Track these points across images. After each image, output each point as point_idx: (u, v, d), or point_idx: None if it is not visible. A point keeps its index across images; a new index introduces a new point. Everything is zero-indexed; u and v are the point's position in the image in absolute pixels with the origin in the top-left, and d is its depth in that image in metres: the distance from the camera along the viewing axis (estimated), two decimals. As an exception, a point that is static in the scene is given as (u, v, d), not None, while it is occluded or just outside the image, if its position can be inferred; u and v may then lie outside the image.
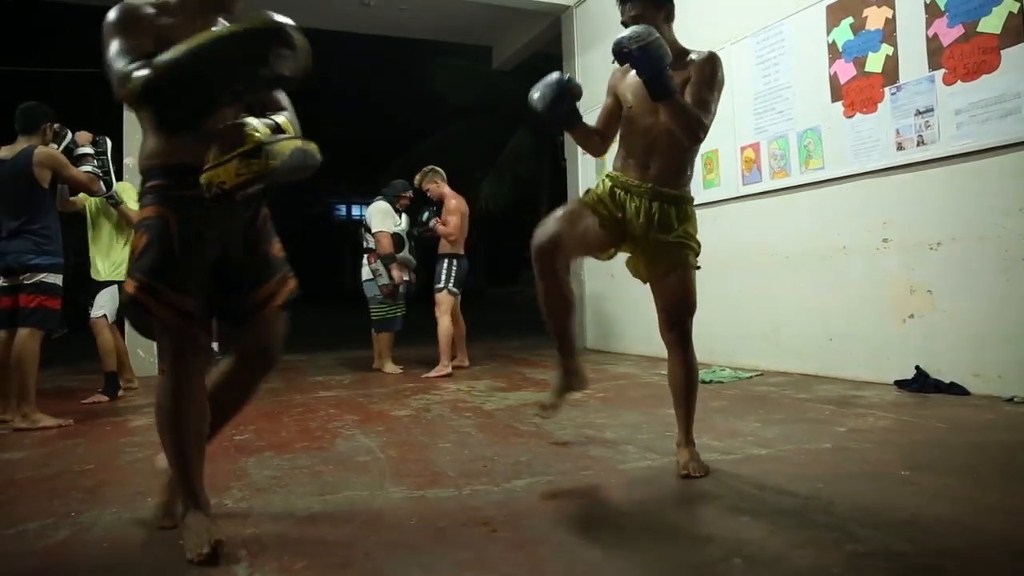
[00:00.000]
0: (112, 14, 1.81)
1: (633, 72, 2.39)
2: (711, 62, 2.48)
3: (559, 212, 2.40)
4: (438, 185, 5.95)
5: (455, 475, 2.52)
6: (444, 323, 5.61)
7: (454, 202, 5.87)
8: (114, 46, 1.76)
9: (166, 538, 1.95)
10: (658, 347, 6.20)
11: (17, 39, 15.82)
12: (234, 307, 2.00)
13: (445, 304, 5.67)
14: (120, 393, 4.80)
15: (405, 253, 5.94)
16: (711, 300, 5.58)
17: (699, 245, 2.52)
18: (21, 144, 3.91)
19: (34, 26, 16.31)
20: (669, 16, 2.54)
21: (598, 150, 2.73)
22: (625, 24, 2.46)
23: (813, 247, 4.72)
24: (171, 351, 1.88)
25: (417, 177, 6.05)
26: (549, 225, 2.32)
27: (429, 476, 2.52)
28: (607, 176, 2.54)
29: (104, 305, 4.76)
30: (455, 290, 5.75)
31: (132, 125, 6.12)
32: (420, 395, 4.47)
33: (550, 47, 8.76)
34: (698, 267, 2.51)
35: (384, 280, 5.81)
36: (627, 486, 2.37)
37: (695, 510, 2.08)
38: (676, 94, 2.28)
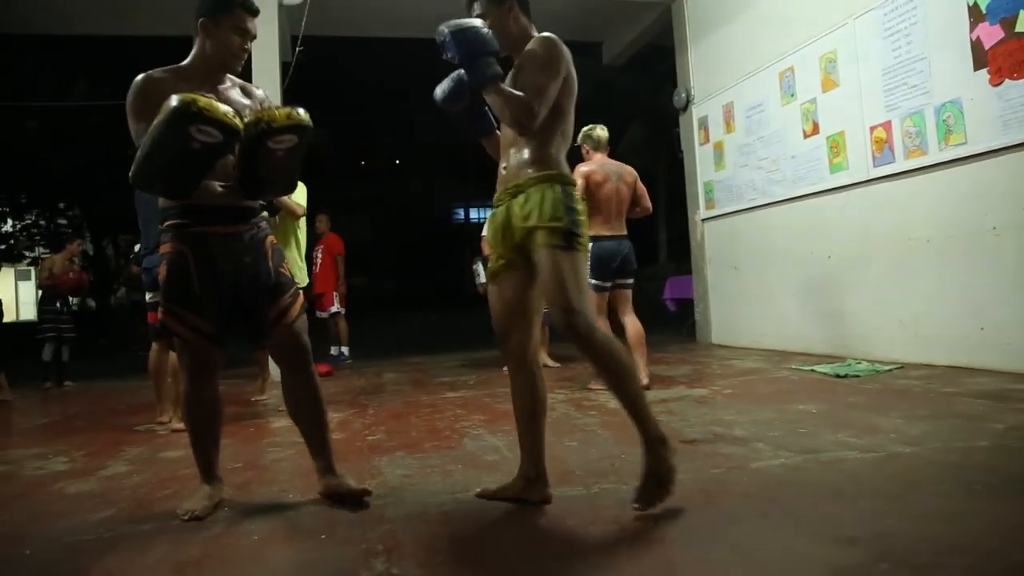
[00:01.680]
0: (130, 92, 2.22)
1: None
2: (541, 43, 2.25)
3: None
4: (587, 152, 4.84)
5: (582, 474, 2.53)
6: (598, 336, 4.42)
7: (577, 171, 4.49)
8: (132, 130, 2.20)
9: (310, 531, 2.07)
10: (787, 341, 5.99)
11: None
12: (253, 327, 2.36)
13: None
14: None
15: None
16: (843, 291, 5.36)
17: (561, 222, 2.15)
18: None
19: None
20: (514, 9, 2.33)
21: None
22: None
23: (957, 230, 4.38)
24: (190, 364, 2.32)
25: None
26: (494, 324, 2.33)
27: (557, 475, 2.53)
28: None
29: None
30: (595, 282, 4.46)
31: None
32: (544, 394, 4.50)
33: (661, 39, 8.61)
34: (562, 246, 2.14)
35: (480, 280, 5.93)
36: (760, 485, 2.30)
37: (835, 511, 1.99)
38: (493, 81, 2.13)
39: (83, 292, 7.95)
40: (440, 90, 2.38)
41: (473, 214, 35.61)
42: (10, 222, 20.87)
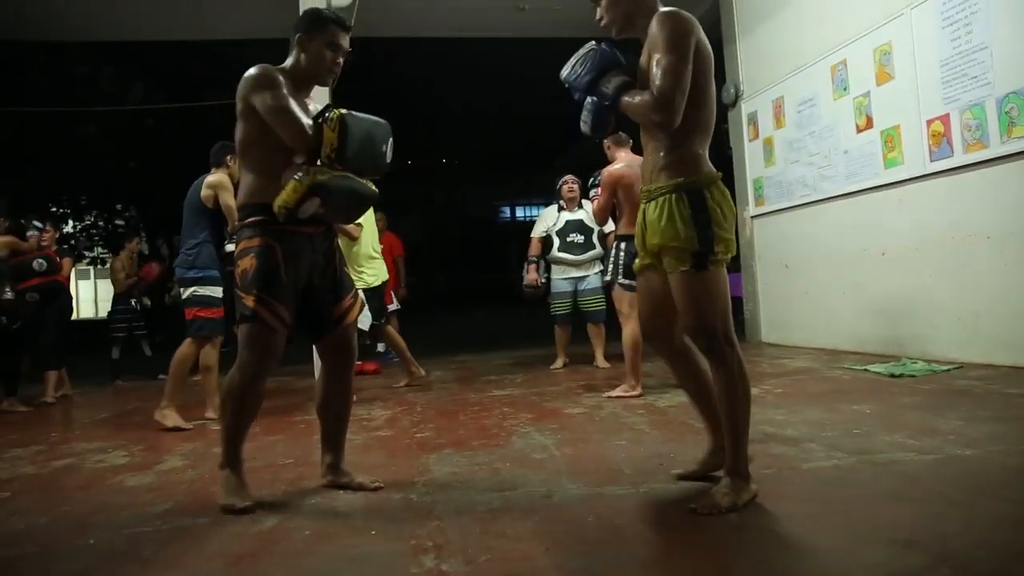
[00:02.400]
0: (260, 77, 2.32)
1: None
2: (663, 21, 2.09)
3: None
4: (609, 148, 4.68)
5: (631, 472, 2.51)
6: (628, 330, 4.39)
7: (608, 171, 4.49)
8: (272, 101, 2.29)
9: (361, 527, 2.10)
10: (839, 339, 5.86)
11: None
12: (317, 322, 2.51)
13: (622, 303, 4.52)
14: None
15: (554, 252, 6.09)
16: (898, 288, 5.22)
17: (689, 243, 2.07)
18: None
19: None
20: None
21: None
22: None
23: (1019, 226, 4.22)
24: (261, 355, 2.35)
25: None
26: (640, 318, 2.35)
27: (605, 473, 2.53)
28: None
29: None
30: (626, 282, 4.35)
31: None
32: (592, 393, 4.48)
33: (708, 33, 8.46)
34: (691, 268, 2.07)
35: (524, 281, 6.16)
36: (813, 486, 2.25)
37: (893, 513, 1.93)
38: (618, 100, 2.12)
39: (156, 284, 8.16)
40: (585, 125, 2.31)
41: (520, 212, 35.65)
42: (71, 223, 21.61)
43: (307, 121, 2.27)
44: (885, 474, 2.32)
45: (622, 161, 4.50)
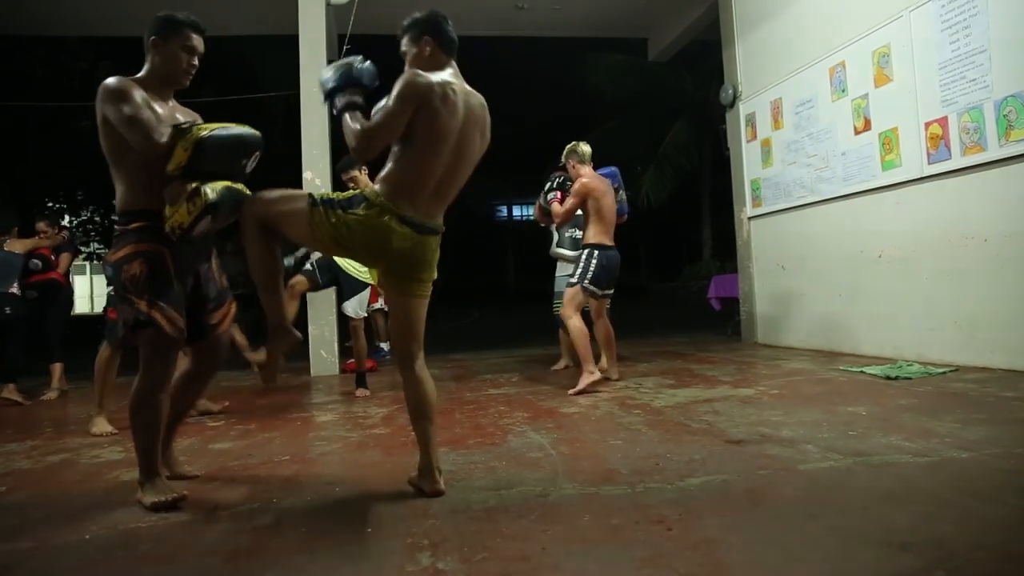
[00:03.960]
0: (114, 89, 2.38)
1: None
2: (402, 76, 2.35)
3: None
4: (574, 167, 5.02)
5: (627, 472, 2.52)
6: (573, 324, 4.69)
7: (581, 182, 4.87)
8: (127, 112, 2.33)
9: (357, 525, 2.10)
10: (835, 341, 5.87)
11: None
12: (197, 327, 2.59)
13: (571, 301, 4.78)
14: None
15: (553, 247, 6.01)
16: (894, 291, 5.23)
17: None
18: None
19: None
20: (429, 45, 2.50)
21: None
22: None
23: (1017, 228, 4.24)
24: (161, 357, 2.43)
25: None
26: None
27: (601, 473, 2.53)
28: None
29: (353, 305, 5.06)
30: (591, 288, 4.78)
31: (309, 143, 6.63)
32: (588, 393, 4.49)
33: (707, 34, 8.51)
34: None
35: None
36: (809, 487, 2.26)
37: (888, 516, 1.94)
38: (342, 115, 2.37)
39: None
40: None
41: (516, 211, 35.64)
42: (67, 218, 21.54)
43: (160, 130, 2.32)
44: (881, 476, 2.32)
45: (587, 176, 4.90)
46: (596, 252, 4.80)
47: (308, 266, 4.93)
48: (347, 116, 2.34)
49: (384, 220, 2.30)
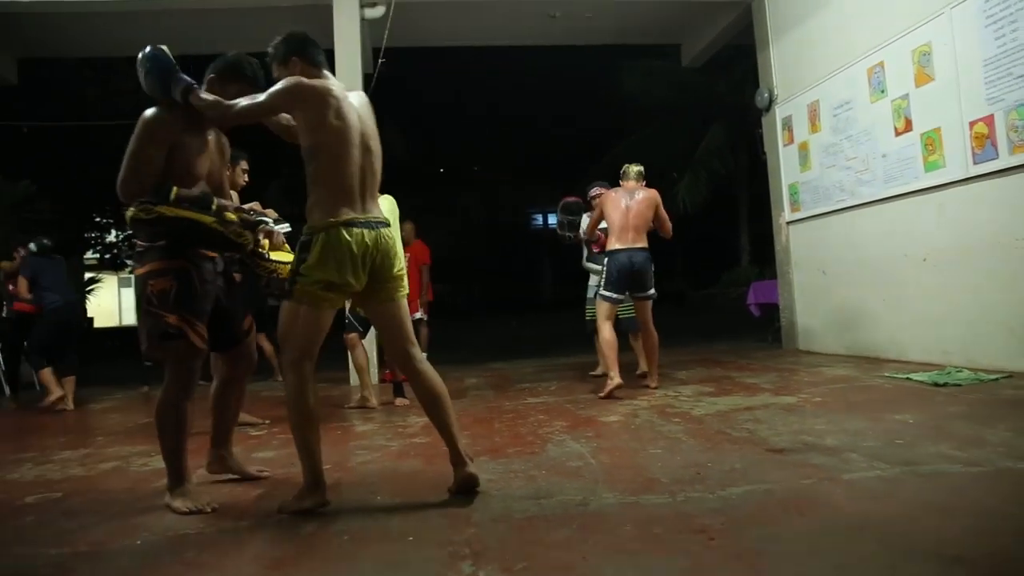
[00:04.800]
0: (143, 116, 2.63)
1: None
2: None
3: None
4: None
5: (668, 481, 2.50)
6: (601, 332, 4.94)
7: (601, 191, 5.54)
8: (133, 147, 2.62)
9: (398, 533, 2.12)
10: (879, 348, 5.74)
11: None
12: (227, 337, 2.80)
13: (599, 311, 5.05)
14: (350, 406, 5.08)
15: (584, 261, 6.21)
16: (941, 295, 5.11)
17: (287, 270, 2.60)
18: None
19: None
20: (297, 65, 2.57)
21: None
22: None
23: (1069, 229, 4.12)
24: (187, 367, 2.58)
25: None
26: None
27: (642, 482, 2.52)
28: None
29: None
30: (606, 294, 4.94)
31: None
32: (627, 401, 4.46)
33: (740, 38, 8.43)
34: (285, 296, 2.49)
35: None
36: (855, 497, 2.21)
37: (939, 528, 1.89)
38: (192, 90, 2.61)
39: None
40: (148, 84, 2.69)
41: (551, 220, 35.61)
42: (114, 232, 22.10)
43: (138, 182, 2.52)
44: (930, 487, 2.27)
45: (607, 194, 5.22)
46: (607, 259, 5.02)
47: (346, 320, 5.02)
48: (201, 92, 2.59)
49: (334, 237, 2.39)
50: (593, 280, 6.14)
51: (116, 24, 7.77)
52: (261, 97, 2.51)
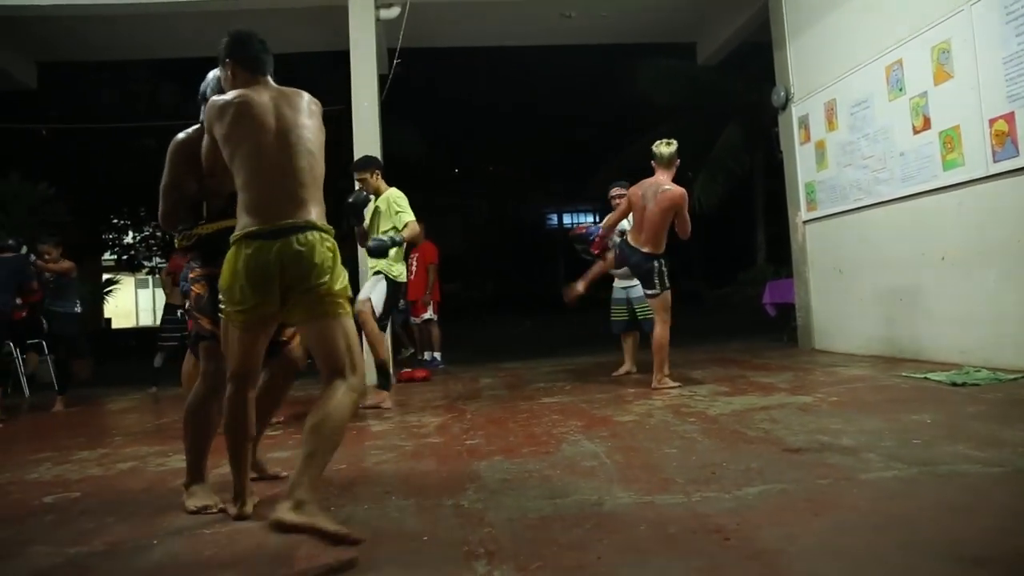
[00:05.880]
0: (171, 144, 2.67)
1: None
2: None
3: None
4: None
5: (683, 481, 2.49)
6: (657, 329, 5.05)
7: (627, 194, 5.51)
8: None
9: (413, 533, 2.12)
10: (896, 347, 5.69)
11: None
12: (272, 343, 2.70)
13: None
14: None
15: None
16: (959, 294, 5.05)
17: None
18: None
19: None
20: (223, 66, 2.62)
21: None
22: None
23: (1091, 227, 4.06)
24: (217, 366, 2.59)
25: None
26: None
27: (657, 482, 2.51)
28: None
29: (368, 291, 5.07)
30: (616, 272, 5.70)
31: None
32: (642, 400, 4.45)
33: (757, 35, 8.38)
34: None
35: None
36: (872, 498, 2.19)
37: (959, 528, 1.87)
38: None
39: None
40: None
41: (567, 219, 35.58)
42: (131, 234, 22.31)
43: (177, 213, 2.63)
44: (949, 487, 2.25)
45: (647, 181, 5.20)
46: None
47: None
48: None
49: (232, 256, 2.24)
50: (619, 283, 6.17)
51: (132, 27, 7.85)
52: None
